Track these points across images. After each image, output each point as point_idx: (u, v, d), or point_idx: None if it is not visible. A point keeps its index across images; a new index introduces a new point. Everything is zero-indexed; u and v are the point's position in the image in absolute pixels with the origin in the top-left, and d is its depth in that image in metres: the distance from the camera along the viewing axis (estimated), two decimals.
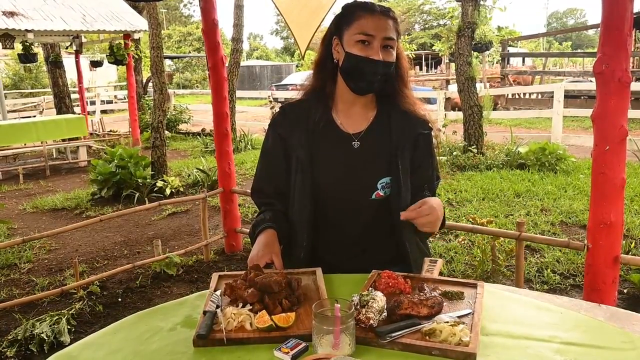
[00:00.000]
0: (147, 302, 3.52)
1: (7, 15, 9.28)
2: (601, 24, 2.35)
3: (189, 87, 28.32)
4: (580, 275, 3.62)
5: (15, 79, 21.35)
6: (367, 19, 1.48)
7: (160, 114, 6.39)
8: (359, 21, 1.48)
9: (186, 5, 52.15)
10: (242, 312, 1.25)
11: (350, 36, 1.49)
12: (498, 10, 8.35)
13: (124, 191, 6.18)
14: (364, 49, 1.47)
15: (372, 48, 1.47)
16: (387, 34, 1.48)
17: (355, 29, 1.48)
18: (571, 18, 67.02)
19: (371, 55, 1.47)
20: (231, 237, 4.41)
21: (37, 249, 4.71)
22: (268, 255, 1.48)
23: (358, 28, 1.48)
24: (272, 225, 1.57)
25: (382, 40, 1.47)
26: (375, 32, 1.47)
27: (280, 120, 1.66)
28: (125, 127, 11.56)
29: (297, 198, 1.60)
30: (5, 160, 8.85)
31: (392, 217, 1.57)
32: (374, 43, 1.47)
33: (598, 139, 2.44)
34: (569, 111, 9.81)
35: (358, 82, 1.52)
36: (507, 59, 18.17)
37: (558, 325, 1.25)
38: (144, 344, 1.22)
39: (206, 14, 3.97)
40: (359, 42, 1.48)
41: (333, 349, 1.09)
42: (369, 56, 1.47)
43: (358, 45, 1.48)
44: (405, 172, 1.57)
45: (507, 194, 5.66)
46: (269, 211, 1.65)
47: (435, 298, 1.26)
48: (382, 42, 1.47)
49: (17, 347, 2.91)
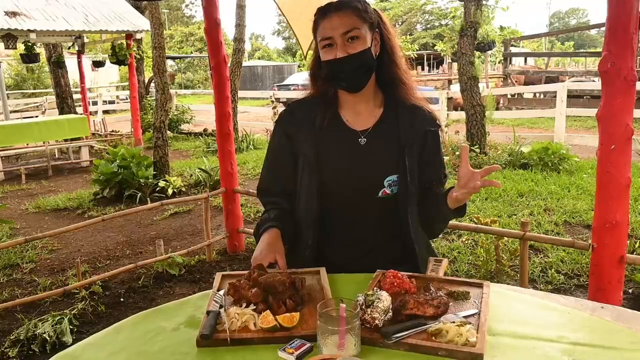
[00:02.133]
0: (150, 302, 3.51)
1: (9, 15, 9.29)
2: (606, 22, 2.33)
3: (190, 88, 28.37)
4: (584, 275, 3.60)
5: (18, 79, 21.43)
6: (323, 23, 1.49)
7: (162, 114, 6.39)
8: (320, 28, 1.51)
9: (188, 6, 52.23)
10: (245, 312, 1.24)
11: (319, 44, 1.53)
12: (500, 9, 8.35)
13: (126, 191, 6.18)
14: (330, 51, 1.49)
15: (336, 48, 1.48)
16: (344, 28, 1.47)
17: (319, 37, 1.51)
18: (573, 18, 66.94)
19: (336, 55, 1.48)
20: (233, 237, 4.40)
21: (40, 249, 4.71)
22: (272, 254, 1.47)
23: (320, 35, 1.51)
24: (277, 225, 1.56)
25: (341, 37, 1.47)
26: (332, 32, 1.47)
27: (287, 118, 1.65)
28: (128, 127, 11.57)
29: (303, 196, 1.59)
30: (7, 161, 8.86)
31: (400, 215, 1.56)
32: (336, 42, 1.47)
33: (603, 138, 2.42)
34: (572, 111, 9.79)
35: (340, 82, 1.53)
36: (510, 58, 18.13)
37: (565, 325, 1.24)
38: (147, 344, 1.21)
39: (208, 14, 3.96)
40: (324, 47, 1.50)
41: (338, 350, 1.08)
42: (335, 57, 1.48)
43: (325, 50, 1.50)
44: (412, 170, 1.55)
45: (510, 194, 5.64)
46: (274, 210, 1.63)
47: (441, 298, 1.24)
48: (343, 39, 1.47)
49: (19, 347, 2.91)
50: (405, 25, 42.46)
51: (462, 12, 7.73)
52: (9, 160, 8.95)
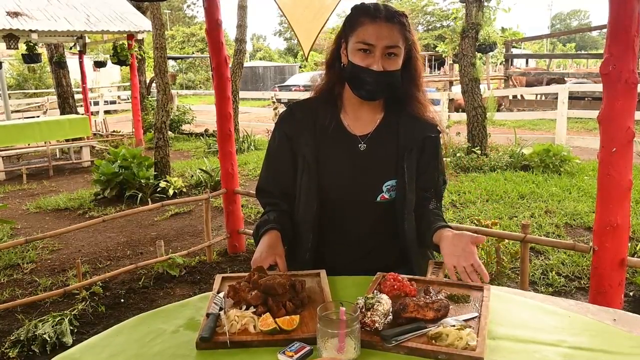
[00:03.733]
0: (150, 303, 3.51)
1: (11, 15, 9.30)
2: (608, 24, 2.33)
3: (192, 88, 28.39)
4: (585, 278, 3.60)
5: (20, 79, 21.44)
6: (369, 27, 1.45)
7: (163, 114, 6.39)
8: (361, 28, 1.46)
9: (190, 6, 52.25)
10: (245, 315, 1.24)
11: (353, 44, 1.48)
12: (502, 11, 8.33)
13: (127, 191, 6.17)
14: (365, 58, 1.45)
15: (373, 57, 1.44)
16: (389, 42, 1.44)
17: (356, 37, 1.46)
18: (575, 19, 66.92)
19: (371, 66, 1.44)
20: (234, 238, 4.40)
21: (40, 249, 4.71)
22: (272, 256, 1.47)
23: (359, 36, 1.46)
24: (276, 227, 1.55)
25: (383, 49, 1.44)
26: (376, 42, 1.44)
27: (288, 119, 1.64)
28: (129, 128, 11.58)
29: (302, 198, 1.59)
30: (9, 160, 8.86)
31: (397, 220, 1.56)
32: (375, 52, 1.44)
33: (604, 140, 2.42)
34: (573, 112, 9.77)
35: (359, 90, 1.51)
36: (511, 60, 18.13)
37: (566, 329, 1.23)
38: (146, 347, 1.21)
39: (210, 14, 3.96)
40: (360, 50, 1.46)
41: (338, 353, 1.07)
42: (369, 66, 1.44)
43: (359, 53, 1.46)
44: (411, 175, 1.55)
45: (511, 196, 5.64)
46: (273, 212, 1.63)
47: (441, 301, 1.24)
48: (383, 51, 1.44)
49: (19, 348, 2.90)
50: None
51: (463, 13, 7.72)
52: (10, 160, 8.95)
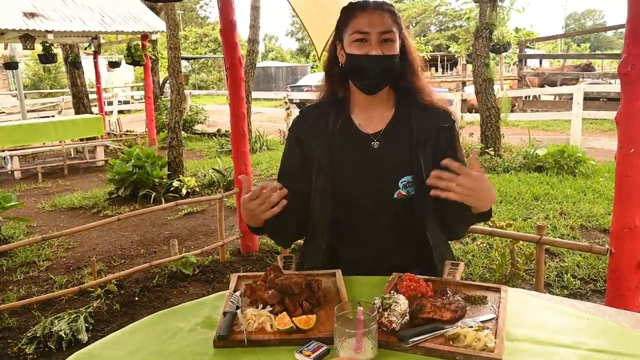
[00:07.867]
0: (164, 302, 3.54)
1: (27, 16, 9.41)
2: (627, 23, 2.30)
3: (204, 88, 28.51)
4: (601, 281, 3.56)
5: (35, 79, 21.72)
6: (361, 17, 1.48)
7: (176, 114, 6.43)
8: (354, 20, 1.49)
9: (202, 7, 52.50)
10: (262, 314, 1.24)
11: (348, 37, 1.51)
12: (516, 11, 8.25)
13: (140, 191, 6.22)
14: (362, 47, 1.48)
15: (370, 45, 1.47)
16: (383, 27, 1.47)
17: (351, 29, 1.50)
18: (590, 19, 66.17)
19: (369, 52, 1.47)
20: (247, 237, 4.41)
21: (56, 247, 4.76)
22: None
23: (353, 27, 1.49)
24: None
25: (378, 35, 1.47)
26: (370, 28, 1.47)
27: (300, 123, 1.66)
28: (142, 127, 11.65)
29: (318, 200, 1.59)
30: (24, 159, 8.97)
31: (416, 216, 1.55)
32: (371, 39, 1.47)
33: (622, 141, 2.39)
34: (588, 113, 9.66)
35: (362, 80, 1.52)
36: (525, 60, 17.97)
37: (584, 331, 1.22)
38: (164, 344, 1.22)
39: (224, 14, 3.98)
40: (357, 41, 1.49)
41: (355, 353, 1.08)
42: (367, 53, 1.47)
43: (356, 44, 1.49)
44: (428, 169, 1.53)
45: (525, 197, 5.59)
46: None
47: (459, 302, 1.23)
48: (379, 37, 1.47)
49: (35, 344, 2.95)
50: (419, 26, 42.32)
51: (477, 13, 7.67)
52: (25, 159, 9.06)
